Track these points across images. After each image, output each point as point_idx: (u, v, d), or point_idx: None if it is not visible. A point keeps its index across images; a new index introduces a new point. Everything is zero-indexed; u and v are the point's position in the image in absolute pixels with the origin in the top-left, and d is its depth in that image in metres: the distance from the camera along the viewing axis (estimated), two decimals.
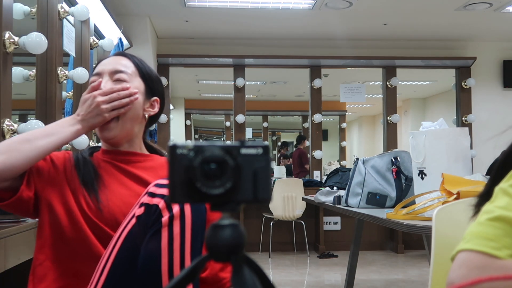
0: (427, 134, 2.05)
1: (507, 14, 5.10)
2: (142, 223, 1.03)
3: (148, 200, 1.04)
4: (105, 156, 1.27)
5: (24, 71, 2.55)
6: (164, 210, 1.02)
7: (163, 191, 1.03)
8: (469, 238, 0.77)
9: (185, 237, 1.02)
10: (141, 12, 4.96)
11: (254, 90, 8.26)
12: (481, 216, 0.79)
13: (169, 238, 1.01)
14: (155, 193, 1.04)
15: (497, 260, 0.73)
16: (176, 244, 1.01)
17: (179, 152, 0.53)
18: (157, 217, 1.02)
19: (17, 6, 2.39)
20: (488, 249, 0.74)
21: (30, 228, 1.57)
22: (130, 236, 1.04)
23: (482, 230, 0.76)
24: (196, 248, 1.04)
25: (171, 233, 1.01)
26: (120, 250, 1.04)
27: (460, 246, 0.77)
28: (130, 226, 1.04)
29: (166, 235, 1.01)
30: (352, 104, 9.05)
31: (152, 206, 1.03)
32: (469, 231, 0.78)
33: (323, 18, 5.18)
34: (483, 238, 0.75)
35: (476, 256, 0.74)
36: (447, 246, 1.17)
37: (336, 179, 3.63)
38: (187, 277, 0.54)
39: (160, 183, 1.05)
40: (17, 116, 4.49)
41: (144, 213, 1.03)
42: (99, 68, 1.26)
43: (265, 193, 0.54)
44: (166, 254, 1.01)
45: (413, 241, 5.50)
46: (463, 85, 6.01)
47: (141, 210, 1.04)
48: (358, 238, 3.17)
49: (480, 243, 0.74)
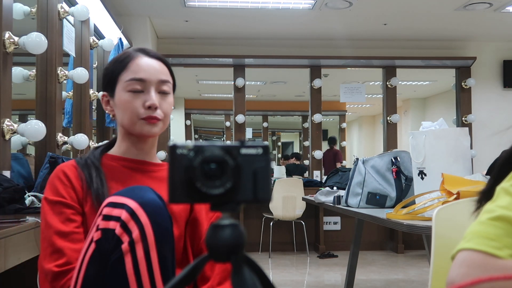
0: (427, 134, 2.05)
1: (507, 14, 5.10)
2: (102, 249, 0.97)
3: (103, 224, 0.97)
4: (117, 162, 1.22)
5: (24, 71, 2.55)
6: (122, 235, 0.95)
7: (118, 212, 0.96)
8: (470, 237, 0.77)
9: (151, 258, 0.96)
10: (141, 12, 4.96)
11: (254, 90, 8.26)
12: (482, 215, 0.79)
13: (134, 264, 0.95)
14: (110, 215, 0.97)
15: (498, 260, 0.73)
16: (143, 268, 0.95)
17: (179, 152, 0.53)
18: (116, 243, 0.95)
19: (17, 6, 2.40)
20: (489, 249, 0.74)
21: (30, 228, 1.57)
22: (93, 260, 0.97)
23: (483, 230, 0.76)
24: (166, 262, 0.98)
25: (135, 258, 0.95)
26: (86, 276, 0.97)
27: (461, 245, 0.77)
28: (91, 251, 0.98)
29: (130, 261, 0.95)
30: (352, 104, 9.04)
31: (108, 231, 0.96)
32: (470, 230, 0.78)
33: (323, 18, 5.18)
34: (484, 237, 0.75)
35: (476, 256, 0.74)
36: (447, 246, 1.17)
37: (336, 179, 3.63)
38: (187, 277, 0.54)
39: (113, 202, 0.98)
40: (17, 116, 4.49)
41: (101, 238, 0.97)
42: (141, 73, 1.17)
43: (265, 193, 0.54)
44: (134, 281, 0.95)
45: (413, 241, 5.50)
46: (463, 85, 6.01)
47: (98, 234, 0.97)
48: (358, 238, 3.17)
49: (481, 243, 0.74)
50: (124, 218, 0.95)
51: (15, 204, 1.81)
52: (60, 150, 2.70)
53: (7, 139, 2.04)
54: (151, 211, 0.97)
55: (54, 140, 2.58)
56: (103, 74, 1.24)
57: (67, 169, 1.17)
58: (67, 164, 1.20)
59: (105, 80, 1.22)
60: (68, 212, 1.11)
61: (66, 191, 1.14)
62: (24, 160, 2.45)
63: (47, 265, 1.06)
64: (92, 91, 3.28)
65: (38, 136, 2.14)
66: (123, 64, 1.19)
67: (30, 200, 1.91)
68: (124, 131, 1.22)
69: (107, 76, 1.21)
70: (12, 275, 1.78)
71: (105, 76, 1.22)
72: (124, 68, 1.18)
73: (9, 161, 2.10)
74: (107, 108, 1.23)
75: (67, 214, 1.11)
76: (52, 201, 1.13)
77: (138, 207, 0.96)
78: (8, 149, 2.09)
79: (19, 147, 2.48)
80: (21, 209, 1.81)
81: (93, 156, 1.21)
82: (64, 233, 1.08)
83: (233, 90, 5.92)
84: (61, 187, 1.14)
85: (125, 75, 1.17)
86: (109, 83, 1.21)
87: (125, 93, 1.16)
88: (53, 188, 1.15)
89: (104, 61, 3.81)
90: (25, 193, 1.92)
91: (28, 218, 1.63)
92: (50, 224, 1.10)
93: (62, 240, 1.08)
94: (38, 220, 1.61)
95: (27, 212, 1.79)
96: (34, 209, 1.86)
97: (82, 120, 3.15)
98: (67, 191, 1.14)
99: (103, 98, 1.23)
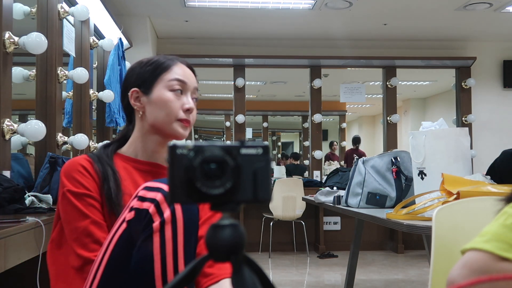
0: (427, 134, 2.05)
1: (507, 14, 5.10)
2: (132, 228, 1.02)
3: (138, 204, 1.01)
4: (130, 164, 1.25)
5: (24, 71, 2.55)
6: (155, 215, 1.00)
7: (153, 195, 1.01)
8: (489, 238, 0.76)
9: (177, 240, 1.00)
10: (141, 12, 4.96)
11: (254, 90, 8.26)
12: (507, 218, 0.79)
13: (161, 243, 1.00)
14: (145, 197, 1.01)
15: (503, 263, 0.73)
16: (169, 248, 1.00)
17: (179, 152, 0.53)
18: (148, 222, 1.00)
19: (17, 6, 2.40)
20: (502, 252, 0.73)
21: (30, 228, 1.57)
22: (121, 240, 1.02)
23: (505, 233, 0.76)
24: (190, 250, 1.03)
25: (163, 238, 1.00)
26: (112, 255, 1.02)
27: (477, 244, 0.76)
28: (121, 230, 1.03)
29: (158, 240, 0.99)
30: (352, 104, 9.05)
31: (142, 210, 1.00)
32: (491, 230, 0.78)
33: (323, 18, 5.18)
34: (504, 242, 0.75)
35: (486, 257, 0.73)
36: (447, 246, 1.17)
37: (336, 179, 3.63)
38: (187, 277, 0.54)
39: (149, 186, 1.03)
40: (17, 116, 4.50)
41: (134, 218, 1.01)
42: (184, 76, 1.24)
43: (265, 193, 0.54)
44: (159, 259, 1.00)
45: (413, 241, 5.50)
46: (463, 85, 6.01)
47: (131, 214, 1.02)
48: (358, 238, 3.17)
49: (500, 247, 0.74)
50: (159, 199, 1.01)
51: (15, 204, 1.81)
52: (60, 150, 2.70)
53: (7, 139, 2.04)
54: None
55: (54, 140, 2.58)
56: (137, 72, 1.26)
57: (83, 162, 1.19)
58: (81, 158, 1.20)
59: (139, 77, 1.25)
60: (95, 204, 1.15)
61: (89, 184, 1.16)
62: (24, 160, 2.45)
63: (88, 254, 1.10)
64: (92, 91, 3.28)
65: (38, 136, 2.14)
66: (165, 66, 1.24)
67: (30, 200, 1.91)
68: (149, 129, 1.24)
69: (145, 74, 1.24)
70: (12, 275, 1.78)
71: (140, 74, 1.25)
72: (167, 69, 1.24)
73: (9, 161, 2.10)
74: (136, 104, 1.25)
75: (95, 206, 1.15)
76: (77, 193, 1.15)
77: None
78: (8, 149, 2.09)
79: (19, 147, 2.48)
80: (21, 209, 1.81)
81: (106, 156, 1.22)
82: (100, 224, 1.13)
83: (233, 90, 5.92)
84: (83, 179, 1.16)
85: (169, 75, 1.23)
86: (146, 81, 1.24)
87: (166, 92, 1.22)
88: (74, 181, 1.16)
89: (104, 61, 3.81)
90: (25, 193, 1.92)
91: (28, 218, 1.63)
92: (87, 215, 1.13)
93: (99, 230, 1.12)
94: (38, 220, 1.62)
95: (27, 212, 1.79)
96: (34, 209, 1.86)
97: (82, 120, 3.15)
98: (89, 183, 1.16)
99: (132, 93, 1.25)
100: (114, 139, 1.37)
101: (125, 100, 1.27)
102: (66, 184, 1.16)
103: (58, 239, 1.19)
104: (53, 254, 1.19)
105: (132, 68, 1.28)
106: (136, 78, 1.25)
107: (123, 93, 1.28)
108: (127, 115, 1.31)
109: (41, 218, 1.66)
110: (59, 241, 1.19)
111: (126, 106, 1.29)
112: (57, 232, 1.19)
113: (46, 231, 1.62)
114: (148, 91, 1.23)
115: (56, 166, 2.35)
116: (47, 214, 1.81)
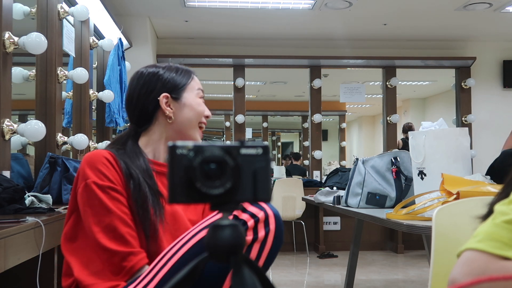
0: (427, 134, 2.05)
1: (507, 14, 5.10)
2: None
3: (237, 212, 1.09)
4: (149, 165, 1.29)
5: (24, 71, 2.55)
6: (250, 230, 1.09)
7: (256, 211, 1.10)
8: (482, 238, 0.76)
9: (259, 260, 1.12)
10: (141, 12, 4.95)
11: (254, 90, 8.26)
12: (496, 217, 0.79)
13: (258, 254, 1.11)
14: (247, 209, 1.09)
15: (501, 261, 0.73)
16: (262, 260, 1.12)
17: (179, 152, 0.53)
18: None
19: (17, 6, 2.39)
20: (498, 251, 0.74)
21: (30, 228, 1.56)
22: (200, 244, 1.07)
23: (497, 232, 0.76)
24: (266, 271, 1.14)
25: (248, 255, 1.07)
26: (185, 255, 1.06)
27: (470, 244, 0.76)
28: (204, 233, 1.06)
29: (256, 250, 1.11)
30: (352, 104, 9.04)
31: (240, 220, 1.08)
32: (484, 230, 0.78)
33: (323, 18, 5.18)
34: (496, 240, 0.75)
35: (482, 257, 0.74)
36: (447, 246, 1.17)
37: (336, 179, 3.63)
38: (187, 277, 0.54)
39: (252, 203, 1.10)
40: (17, 116, 4.49)
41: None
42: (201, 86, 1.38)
43: (265, 193, 0.54)
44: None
45: (413, 241, 5.49)
46: (463, 85, 6.01)
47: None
48: (358, 238, 3.17)
49: (492, 245, 0.74)
50: (260, 218, 1.10)
51: (15, 204, 1.80)
52: (60, 150, 2.69)
53: (7, 139, 2.04)
54: (279, 224, 1.16)
55: (54, 140, 2.58)
56: (165, 78, 1.32)
57: (107, 155, 1.20)
58: (102, 152, 1.21)
59: (169, 83, 1.32)
60: (120, 198, 1.16)
61: (113, 177, 1.17)
62: (24, 160, 2.45)
63: (115, 247, 1.12)
64: (92, 91, 3.28)
65: (38, 136, 2.13)
66: (190, 75, 1.37)
67: (30, 200, 1.91)
68: (172, 133, 1.31)
69: (175, 81, 1.33)
70: (12, 275, 1.78)
71: (169, 79, 1.32)
72: (192, 78, 1.36)
73: (9, 161, 2.10)
74: (168, 109, 1.31)
75: (120, 199, 1.16)
76: (103, 186, 1.15)
77: (272, 216, 1.14)
78: (8, 149, 2.09)
79: (19, 147, 2.48)
80: (21, 209, 1.81)
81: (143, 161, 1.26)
82: (124, 220, 1.15)
83: (233, 90, 5.92)
84: (108, 172, 1.17)
85: (194, 84, 1.36)
86: (175, 88, 1.32)
87: (197, 98, 1.35)
88: (100, 173, 1.16)
89: (104, 61, 3.81)
90: (25, 193, 1.92)
91: (28, 218, 1.63)
92: (111, 209, 1.14)
93: (124, 226, 1.14)
94: (38, 220, 1.61)
95: (27, 212, 1.79)
96: (34, 209, 1.86)
97: (82, 120, 3.14)
98: (114, 176, 1.18)
99: (163, 98, 1.30)
100: (114, 139, 1.37)
101: (146, 103, 1.30)
102: (89, 175, 1.15)
103: (72, 232, 1.19)
104: (70, 246, 1.19)
105: (154, 73, 1.32)
106: (163, 83, 1.31)
107: (144, 96, 1.30)
108: (141, 117, 1.32)
109: (41, 218, 1.66)
110: (73, 233, 1.19)
111: (144, 109, 1.31)
112: (71, 226, 1.19)
113: (46, 231, 1.62)
114: (179, 97, 1.31)
115: (56, 166, 2.35)
116: (47, 214, 1.81)
